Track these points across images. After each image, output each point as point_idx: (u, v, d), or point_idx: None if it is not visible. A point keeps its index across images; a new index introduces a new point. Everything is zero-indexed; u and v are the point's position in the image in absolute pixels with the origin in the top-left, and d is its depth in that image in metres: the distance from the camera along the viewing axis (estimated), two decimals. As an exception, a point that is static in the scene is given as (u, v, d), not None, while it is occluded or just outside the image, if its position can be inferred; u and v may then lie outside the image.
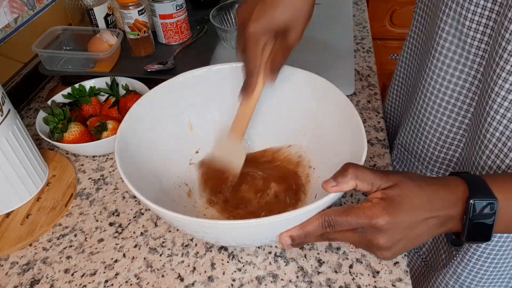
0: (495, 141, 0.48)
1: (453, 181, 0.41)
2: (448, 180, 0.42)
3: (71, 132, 0.65)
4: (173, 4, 0.83)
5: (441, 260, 0.63)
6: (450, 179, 0.42)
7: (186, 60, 0.83)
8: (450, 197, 0.40)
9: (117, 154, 0.48)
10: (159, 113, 0.58)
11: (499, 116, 0.47)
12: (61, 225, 0.58)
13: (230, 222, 0.40)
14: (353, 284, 0.48)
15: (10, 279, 0.51)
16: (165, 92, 0.58)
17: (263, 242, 0.48)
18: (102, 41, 0.80)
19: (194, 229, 0.44)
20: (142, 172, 0.52)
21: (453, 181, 0.41)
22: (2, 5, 0.78)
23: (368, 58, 0.86)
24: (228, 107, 0.59)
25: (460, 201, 0.40)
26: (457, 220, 0.41)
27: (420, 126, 0.60)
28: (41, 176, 0.62)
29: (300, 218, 0.41)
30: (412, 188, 0.40)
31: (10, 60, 0.82)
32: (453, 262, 0.60)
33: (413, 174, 0.42)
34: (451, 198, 0.40)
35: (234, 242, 0.47)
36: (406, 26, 1.30)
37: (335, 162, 0.49)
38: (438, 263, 0.64)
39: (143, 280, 0.50)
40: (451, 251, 0.61)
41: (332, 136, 0.54)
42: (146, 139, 0.55)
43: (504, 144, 0.48)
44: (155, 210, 0.41)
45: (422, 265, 0.69)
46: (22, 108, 0.80)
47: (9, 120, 0.56)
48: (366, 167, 0.41)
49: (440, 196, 0.40)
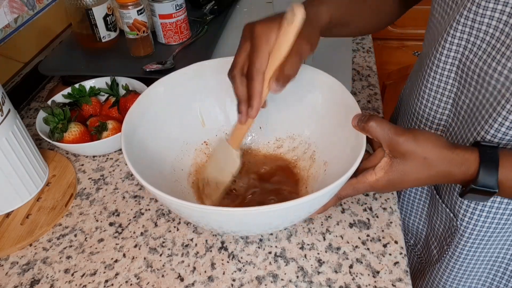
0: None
1: (467, 159, 0.44)
2: (465, 159, 0.44)
3: (71, 132, 0.65)
4: (173, 4, 0.83)
5: (433, 256, 0.65)
6: (468, 158, 0.44)
7: (185, 60, 0.83)
8: (457, 177, 0.45)
9: (124, 135, 0.50)
10: (168, 103, 0.58)
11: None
12: (61, 225, 0.58)
13: (252, 209, 0.40)
14: (353, 284, 0.49)
15: (10, 279, 0.51)
16: (176, 81, 0.59)
17: (275, 228, 0.50)
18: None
19: (203, 214, 0.44)
20: (149, 162, 0.53)
21: (468, 160, 0.44)
22: (2, 5, 0.78)
23: (368, 58, 0.86)
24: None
25: (467, 179, 0.45)
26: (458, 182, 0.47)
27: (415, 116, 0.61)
28: (41, 176, 0.62)
29: (313, 203, 0.45)
30: (419, 167, 0.44)
31: (10, 60, 0.82)
32: (445, 256, 0.61)
33: (429, 145, 0.44)
34: (457, 178, 0.45)
35: (248, 229, 0.49)
36: (407, 26, 1.31)
37: (333, 154, 0.54)
38: (431, 259, 0.65)
39: (143, 280, 0.50)
40: (442, 245, 0.62)
41: (335, 130, 0.55)
42: (153, 126, 0.56)
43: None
44: (163, 197, 0.42)
45: (418, 261, 0.71)
46: (22, 108, 0.80)
47: (9, 120, 0.56)
48: (387, 124, 0.45)
49: (446, 175, 0.45)
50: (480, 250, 0.58)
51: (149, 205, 0.60)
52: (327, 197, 0.46)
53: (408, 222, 0.68)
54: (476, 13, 0.44)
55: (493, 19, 0.43)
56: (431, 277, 0.65)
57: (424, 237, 0.67)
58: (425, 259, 0.68)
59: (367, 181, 0.47)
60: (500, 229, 0.55)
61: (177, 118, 0.60)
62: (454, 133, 0.54)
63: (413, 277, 0.72)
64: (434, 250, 0.64)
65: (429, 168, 0.44)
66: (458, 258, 0.59)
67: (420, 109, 0.57)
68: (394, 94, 1.41)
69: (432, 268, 0.65)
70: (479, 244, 0.57)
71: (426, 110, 0.56)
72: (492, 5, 0.43)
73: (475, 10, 0.44)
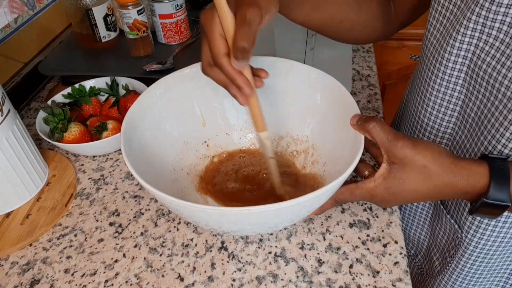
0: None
1: (475, 171, 0.42)
2: (472, 171, 0.42)
3: (71, 132, 0.65)
4: (173, 4, 0.83)
5: (435, 267, 0.64)
6: (475, 170, 0.42)
7: (185, 60, 0.83)
8: (463, 190, 0.43)
9: (123, 135, 0.50)
10: (168, 103, 0.59)
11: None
12: (61, 225, 0.58)
13: (251, 208, 0.40)
14: (353, 284, 0.49)
15: (10, 279, 0.51)
16: (178, 80, 0.59)
17: (274, 228, 0.50)
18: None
19: (200, 214, 0.44)
20: (148, 162, 0.53)
21: (476, 172, 0.42)
22: (2, 5, 0.78)
23: (368, 58, 0.86)
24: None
25: (476, 193, 0.42)
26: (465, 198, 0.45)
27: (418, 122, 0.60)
28: (41, 176, 0.62)
29: (314, 201, 0.44)
30: (418, 176, 0.43)
31: (10, 60, 0.82)
32: (448, 269, 0.60)
33: (428, 153, 0.42)
34: (465, 191, 0.43)
35: (248, 228, 0.49)
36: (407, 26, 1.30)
37: (332, 154, 0.54)
38: (433, 270, 0.64)
39: (143, 280, 0.50)
40: (445, 257, 0.61)
41: (334, 130, 0.55)
42: (153, 126, 0.56)
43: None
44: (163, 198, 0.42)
45: (418, 272, 0.69)
46: (22, 108, 0.80)
47: (9, 120, 0.56)
48: (388, 128, 0.44)
49: (451, 187, 0.43)
50: (485, 264, 0.56)
51: (149, 205, 0.60)
52: (325, 197, 0.46)
53: (409, 232, 0.67)
54: (486, 17, 0.42)
55: (504, 23, 0.41)
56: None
57: (425, 247, 0.66)
58: (426, 271, 0.67)
59: (365, 187, 0.46)
60: (506, 243, 0.53)
61: (177, 118, 0.60)
62: (462, 142, 0.51)
63: (414, 287, 0.71)
64: (436, 261, 0.63)
65: (429, 178, 0.43)
66: (461, 271, 0.58)
67: (425, 117, 0.55)
68: (394, 94, 1.41)
69: (433, 280, 0.64)
70: (484, 257, 0.55)
71: (431, 118, 0.54)
72: (503, 9, 0.40)
73: (485, 15, 0.42)
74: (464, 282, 0.60)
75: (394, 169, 0.44)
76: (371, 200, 0.47)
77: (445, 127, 0.53)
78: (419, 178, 0.43)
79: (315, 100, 0.58)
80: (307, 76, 0.58)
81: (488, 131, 0.46)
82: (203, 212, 0.43)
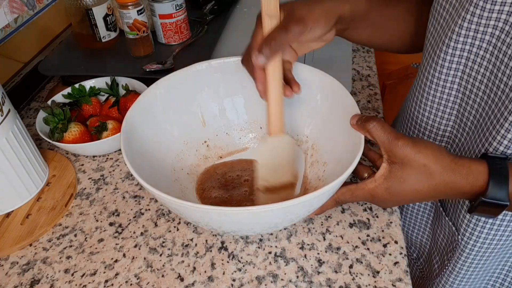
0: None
1: (474, 169, 0.42)
2: (471, 169, 0.42)
3: (71, 132, 0.65)
4: (173, 4, 0.83)
5: (434, 270, 0.64)
6: (474, 169, 0.42)
7: (185, 60, 0.82)
8: (463, 189, 0.43)
9: (123, 135, 0.50)
10: (168, 103, 0.59)
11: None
12: (61, 225, 0.58)
13: (251, 208, 0.40)
14: (353, 284, 0.49)
15: (10, 279, 0.51)
16: (180, 79, 0.59)
17: (275, 228, 0.50)
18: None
19: (204, 215, 0.44)
20: (148, 162, 0.53)
21: (475, 170, 0.42)
22: (2, 5, 0.78)
23: (368, 58, 0.86)
24: (248, 101, 0.62)
25: (475, 192, 0.43)
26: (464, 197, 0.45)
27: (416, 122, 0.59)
28: (41, 176, 0.62)
29: (310, 203, 0.45)
30: (418, 175, 0.43)
31: (10, 60, 0.82)
32: (445, 271, 0.60)
33: (428, 152, 0.42)
34: (464, 190, 0.43)
35: (248, 228, 0.49)
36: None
37: (332, 154, 0.56)
38: (432, 273, 0.64)
39: (143, 280, 0.50)
40: (443, 260, 0.61)
41: (334, 130, 0.55)
42: (153, 126, 0.57)
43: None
44: (163, 198, 0.42)
45: (420, 275, 0.70)
46: (22, 108, 0.80)
47: (9, 120, 0.56)
48: (389, 128, 0.44)
49: (451, 186, 0.43)
50: (481, 265, 0.56)
51: (149, 205, 0.60)
52: (325, 197, 0.46)
53: (411, 235, 0.67)
54: (481, 16, 0.42)
55: (499, 21, 0.41)
56: None
57: (427, 250, 0.66)
58: (427, 273, 0.67)
59: (366, 188, 0.46)
60: (502, 244, 0.53)
61: (177, 118, 0.60)
62: (461, 144, 0.51)
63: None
64: (435, 264, 0.63)
65: (430, 177, 0.43)
66: (458, 273, 0.58)
67: (423, 121, 0.55)
68: (394, 94, 1.41)
69: (431, 283, 0.64)
70: (480, 259, 0.56)
71: (429, 122, 0.54)
72: (498, 7, 0.40)
73: (479, 13, 0.42)
74: (461, 284, 0.60)
75: (395, 168, 0.44)
76: (372, 200, 0.47)
77: (443, 129, 0.53)
78: (420, 177, 0.43)
79: (315, 100, 0.58)
80: (307, 76, 0.58)
81: (490, 132, 0.46)
82: (203, 212, 0.43)
